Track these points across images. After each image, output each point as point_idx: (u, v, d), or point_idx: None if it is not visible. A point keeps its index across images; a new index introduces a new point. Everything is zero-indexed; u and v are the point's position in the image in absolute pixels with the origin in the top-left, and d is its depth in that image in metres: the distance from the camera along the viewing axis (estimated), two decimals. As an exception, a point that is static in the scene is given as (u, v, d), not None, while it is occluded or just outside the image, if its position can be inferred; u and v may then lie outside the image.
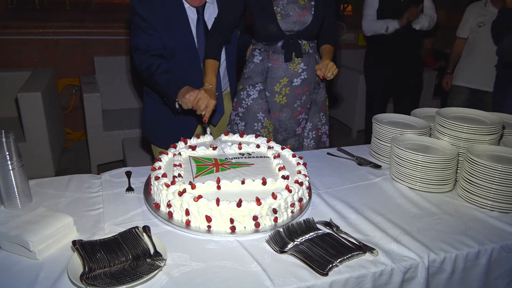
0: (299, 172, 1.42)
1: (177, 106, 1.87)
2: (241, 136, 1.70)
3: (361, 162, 1.75)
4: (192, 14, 1.98)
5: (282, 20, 1.97)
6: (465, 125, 1.57)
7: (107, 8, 5.74)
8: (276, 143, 2.17)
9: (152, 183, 1.38)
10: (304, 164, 1.49)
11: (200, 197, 1.22)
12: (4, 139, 1.29)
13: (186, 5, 1.96)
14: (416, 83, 3.69)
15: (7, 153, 1.30)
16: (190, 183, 1.30)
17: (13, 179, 1.32)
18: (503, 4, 2.78)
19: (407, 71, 3.56)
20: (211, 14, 2.03)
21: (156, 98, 2.11)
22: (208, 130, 1.80)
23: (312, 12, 1.98)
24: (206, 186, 1.30)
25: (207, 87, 1.83)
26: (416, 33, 3.49)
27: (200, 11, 1.98)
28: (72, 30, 4.16)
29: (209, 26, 2.01)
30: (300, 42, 2.02)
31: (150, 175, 1.45)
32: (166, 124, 2.16)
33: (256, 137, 1.68)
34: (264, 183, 1.33)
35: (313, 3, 1.99)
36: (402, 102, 3.72)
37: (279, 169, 1.42)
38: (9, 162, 1.30)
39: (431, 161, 1.48)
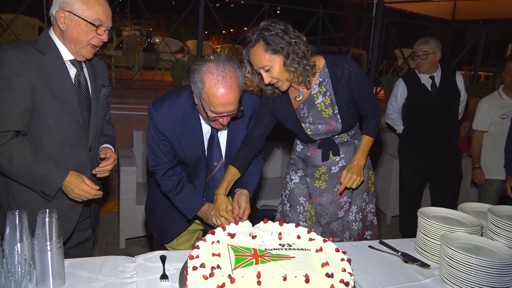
0: (344, 270, 1.33)
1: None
2: (281, 224, 1.64)
3: (407, 259, 1.64)
4: (205, 129, 1.97)
5: (313, 134, 2.05)
6: (522, 226, 1.47)
7: (148, 86, 6.09)
8: (320, 226, 2.16)
9: (188, 273, 1.32)
10: (349, 261, 1.40)
11: (239, 293, 1.15)
12: (47, 219, 1.29)
13: (203, 121, 1.94)
14: (454, 172, 3.57)
15: (48, 233, 1.29)
16: (229, 276, 1.24)
17: (49, 261, 1.30)
18: None
19: (443, 159, 3.49)
20: (223, 129, 2.00)
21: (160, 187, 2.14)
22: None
23: (339, 121, 1.99)
24: (246, 280, 1.23)
25: (216, 197, 1.91)
26: (453, 119, 3.48)
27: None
28: (115, 105, 4.37)
29: (221, 141, 2.00)
30: (336, 137, 2.05)
31: (186, 262, 1.40)
32: (159, 214, 2.20)
33: (296, 226, 1.62)
34: (307, 280, 1.25)
35: (336, 111, 1.98)
36: (439, 191, 3.58)
37: (322, 265, 1.33)
38: (48, 243, 1.29)
39: (487, 265, 1.37)
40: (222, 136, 2.00)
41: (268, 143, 3.93)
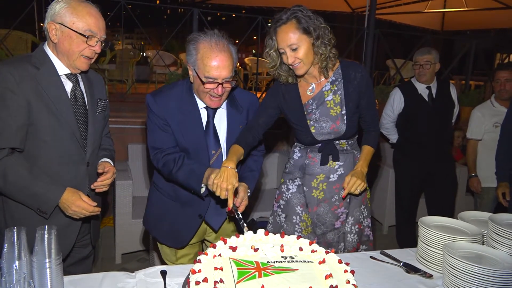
0: (348, 282, 1.32)
1: (203, 191, 1.90)
2: (282, 236, 1.63)
3: (409, 269, 1.63)
4: (203, 117, 1.99)
5: (317, 133, 2.04)
6: (524, 234, 1.47)
7: (142, 99, 6.05)
8: (315, 236, 2.14)
9: (191, 288, 1.30)
10: (352, 272, 1.39)
11: (244, 308, 1.13)
12: (46, 235, 1.27)
13: (200, 106, 1.97)
14: (449, 182, 3.58)
15: (47, 250, 1.27)
16: (233, 290, 1.22)
17: (48, 279, 1.27)
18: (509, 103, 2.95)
19: (438, 169, 3.50)
20: (221, 118, 2.02)
21: (164, 193, 2.11)
22: (244, 227, 1.73)
23: (345, 122, 2.02)
24: (250, 294, 1.22)
25: (225, 169, 1.80)
26: (448, 129, 3.50)
27: (211, 114, 1.98)
28: (109, 119, 4.35)
29: (218, 130, 2.00)
30: (337, 142, 2.05)
31: (188, 277, 1.37)
32: (169, 220, 2.13)
33: (298, 238, 1.61)
34: (311, 293, 1.23)
35: (344, 112, 2.01)
36: (435, 201, 3.59)
37: (326, 277, 1.32)
38: (47, 260, 1.27)
39: (491, 274, 1.36)
40: (222, 128, 2.02)
41: (265, 153, 3.93)
